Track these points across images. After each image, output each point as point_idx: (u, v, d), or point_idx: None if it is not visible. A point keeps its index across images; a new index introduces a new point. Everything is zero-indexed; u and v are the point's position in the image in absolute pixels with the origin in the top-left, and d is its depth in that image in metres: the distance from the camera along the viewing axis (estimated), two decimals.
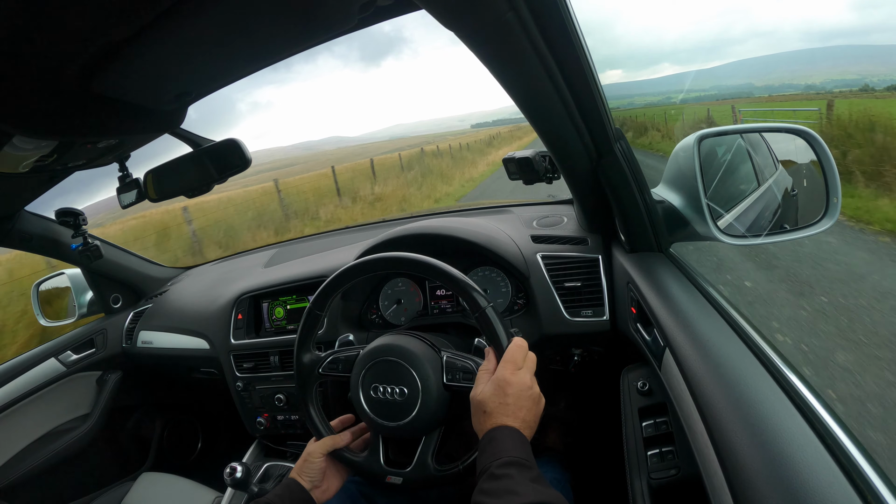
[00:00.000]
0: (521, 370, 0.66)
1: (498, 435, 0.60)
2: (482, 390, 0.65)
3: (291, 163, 18.48)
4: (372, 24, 0.65)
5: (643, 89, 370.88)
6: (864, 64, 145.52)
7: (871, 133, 5.64)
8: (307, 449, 0.81)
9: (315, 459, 0.79)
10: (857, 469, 0.38)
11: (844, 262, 3.32)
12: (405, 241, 1.13)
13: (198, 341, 1.35)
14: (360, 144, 50.69)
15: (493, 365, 0.68)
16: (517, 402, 0.62)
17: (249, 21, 0.47)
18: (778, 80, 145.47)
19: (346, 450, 0.81)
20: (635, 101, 46.89)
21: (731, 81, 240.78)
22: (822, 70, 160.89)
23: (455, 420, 0.77)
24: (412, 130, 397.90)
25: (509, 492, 0.52)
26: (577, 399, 1.35)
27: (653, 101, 34.69)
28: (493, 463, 0.56)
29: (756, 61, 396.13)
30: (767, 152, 1.02)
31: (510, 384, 0.63)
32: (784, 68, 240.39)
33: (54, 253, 1.32)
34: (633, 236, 0.88)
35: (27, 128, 0.55)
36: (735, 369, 0.53)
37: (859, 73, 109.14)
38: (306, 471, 0.78)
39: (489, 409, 0.63)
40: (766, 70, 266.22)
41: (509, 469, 0.54)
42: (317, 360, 0.84)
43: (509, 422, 0.61)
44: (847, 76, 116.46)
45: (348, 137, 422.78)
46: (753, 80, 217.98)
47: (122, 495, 1.25)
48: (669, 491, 0.65)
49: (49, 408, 1.36)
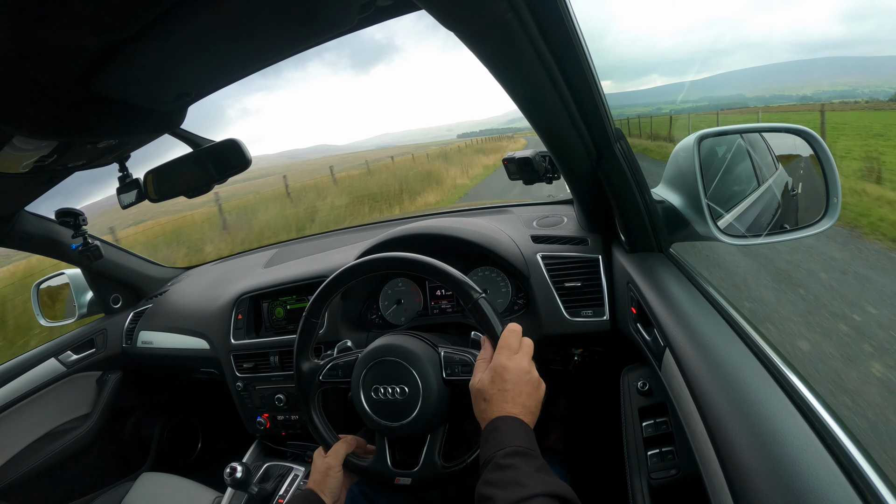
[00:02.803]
0: (518, 355, 0.65)
1: (501, 424, 0.59)
2: (480, 378, 0.65)
3: (270, 172, 18.02)
4: (372, 24, 0.65)
5: (632, 100, 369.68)
6: (855, 75, 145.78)
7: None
8: (326, 463, 0.78)
9: (337, 474, 0.77)
10: (858, 469, 0.38)
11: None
12: (405, 241, 1.13)
13: (198, 341, 1.35)
14: (345, 153, 49.93)
15: (489, 353, 0.68)
16: (516, 387, 0.62)
17: (249, 21, 0.47)
18: (769, 92, 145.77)
19: (353, 455, 0.80)
20: (625, 112, 47.25)
21: (722, 92, 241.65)
22: (813, 81, 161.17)
23: (459, 416, 0.77)
24: (399, 140, 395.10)
25: (515, 483, 0.51)
26: (577, 399, 1.35)
27: (644, 112, 34.87)
28: (497, 453, 0.55)
29: (746, 72, 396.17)
30: (767, 152, 1.02)
31: (507, 369, 0.63)
32: (774, 79, 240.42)
33: (54, 253, 1.32)
34: (633, 236, 0.88)
35: (27, 128, 0.55)
36: (735, 369, 0.53)
37: (849, 84, 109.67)
38: (329, 486, 0.76)
39: (489, 397, 0.62)
40: (757, 81, 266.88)
41: (514, 459, 0.54)
42: (316, 368, 0.84)
43: (510, 409, 0.60)
44: (838, 87, 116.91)
45: (335, 146, 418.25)
46: (744, 91, 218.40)
47: (122, 495, 1.25)
48: (669, 491, 0.65)
49: (49, 408, 1.36)
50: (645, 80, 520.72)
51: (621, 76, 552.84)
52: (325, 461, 0.79)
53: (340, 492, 0.78)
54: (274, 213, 9.02)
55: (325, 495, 0.75)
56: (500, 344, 0.67)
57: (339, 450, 0.79)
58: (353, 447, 0.81)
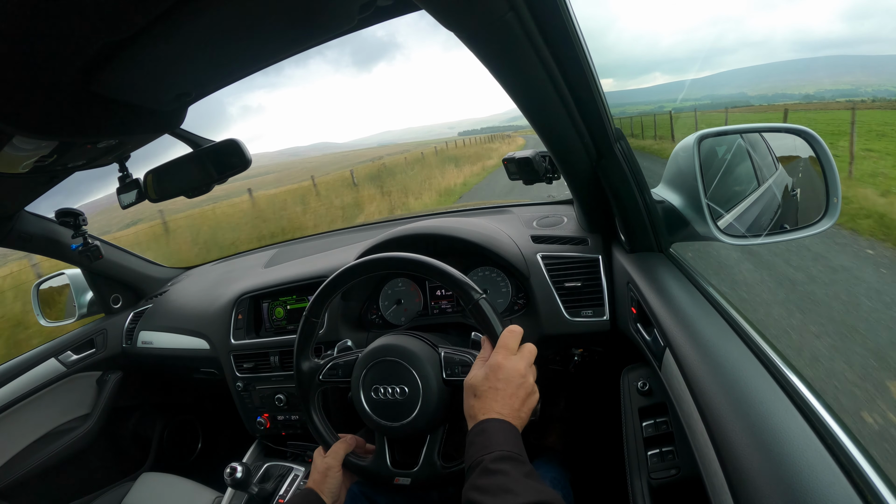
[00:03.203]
0: (515, 357, 0.65)
1: (488, 427, 0.58)
2: (474, 374, 0.65)
3: (270, 170, 17.19)
4: (372, 24, 0.65)
5: (634, 98, 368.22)
6: (857, 74, 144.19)
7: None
8: (325, 462, 0.78)
9: (336, 473, 0.77)
10: (858, 469, 0.38)
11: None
12: (405, 241, 1.13)
13: (198, 341, 1.35)
14: (345, 151, 48.56)
15: (488, 353, 0.68)
16: (507, 387, 0.61)
17: (249, 21, 0.47)
18: (771, 90, 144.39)
19: (353, 455, 0.81)
20: (627, 110, 46.48)
21: (725, 91, 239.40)
22: (815, 80, 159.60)
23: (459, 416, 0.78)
24: (400, 137, 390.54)
25: (505, 490, 0.50)
26: (577, 399, 1.35)
27: (645, 111, 34.22)
28: (485, 457, 0.54)
29: (748, 71, 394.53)
30: (767, 152, 1.02)
31: (502, 368, 0.63)
32: (777, 78, 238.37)
33: (54, 253, 1.32)
34: (633, 236, 0.88)
35: (27, 128, 0.55)
36: (735, 369, 0.53)
37: (852, 83, 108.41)
38: (328, 485, 0.76)
39: (479, 394, 0.62)
40: (759, 80, 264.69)
41: (503, 464, 0.53)
42: (316, 367, 0.84)
43: (499, 409, 0.60)
44: (840, 86, 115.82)
45: (336, 144, 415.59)
46: (746, 89, 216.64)
47: (122, 495, 1.25)
48: (669, 491, 0.65)
49: (49, 408, 1.36)
50: (647, 78, 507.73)
51: (623, 74, 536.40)
52: (324, 461, 0.79)
53: (340, 491, 0.78)
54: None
55: (324, 495, 0.75)
56: (498, 344, 0.67)
57: (339, 449, 0.79)
58: (352, 447, 0.81)
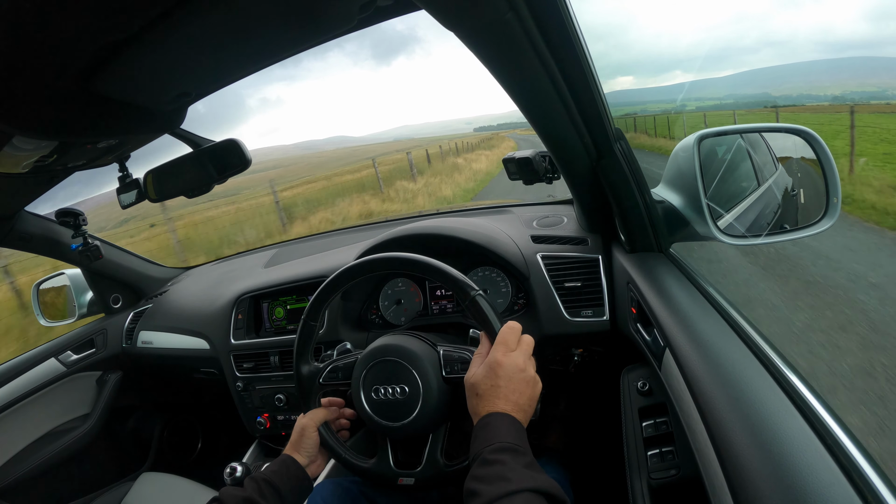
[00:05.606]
0: (514, 352, 0.65)
1: (491, 421, 0.59)
2: (474, 373, 0.65)
3: (277, 164, 16.94)
4: (372, 25, 0.65)
5: (655, 96, 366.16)
6: (882, 76, 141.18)
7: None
8: (300, 423, 0.81)
9: (312, 434, 0.80)
10: (858, 469, 0.38)
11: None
12: (405, 241, 1.13)
13: (198, 341, 1.35)
14: (361, 145, 48.84)
15: (486, 349, 0.68)
16: (509, 384, 0.62)
17: (249, 21, 0.47)
18: (795, 91, 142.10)
19: (354, 456, 0.81)
20: (648, 108, 46.01)
21: (747, 90, 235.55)
22: (840, 81, 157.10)
23: (461, 414, 0.78)
24: (418, 132, 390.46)
25: (501, 478, 0.51)
26: (577, 399, 1.35)
27: (667, 109, 33.78)
28: (485, 448, 0.55)
29: (771, 70, 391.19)
30: (767, 152, 1.02)
31: (501, 365, 0.63)
32: (800, 79, 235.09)
33: (54, 253, 1.32)
34: (633, 236, 0.88)
35: (27, 128, 0.55)
36: (735, 369, 0.53)
37: (878, 85, 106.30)
38: (304, 446, 0.79)
39: (481, 392, 0.62)
40: (782, 80, 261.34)
41: (502, 455, 0.54)
42: (316, 371, 0.84)
43: (502, 405, 0.60)
44: (866, 88, 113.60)
45: (353, 137, 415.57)
46: (769, 89, 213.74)
47: (122, 495, 1.25)
48: (669, 491, 0.65)
49: (49, 408, 1.36)
50: (668, 76, 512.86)
51: (644, 72, 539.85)
52: (300, 421, 0.82)
53: (317, 454, 0.81)
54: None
55: (299, 456, 0.78)
56: (497, 340, 0.67)
57: (317, 413, 0.82)
58: (335, 415, 0.85)
